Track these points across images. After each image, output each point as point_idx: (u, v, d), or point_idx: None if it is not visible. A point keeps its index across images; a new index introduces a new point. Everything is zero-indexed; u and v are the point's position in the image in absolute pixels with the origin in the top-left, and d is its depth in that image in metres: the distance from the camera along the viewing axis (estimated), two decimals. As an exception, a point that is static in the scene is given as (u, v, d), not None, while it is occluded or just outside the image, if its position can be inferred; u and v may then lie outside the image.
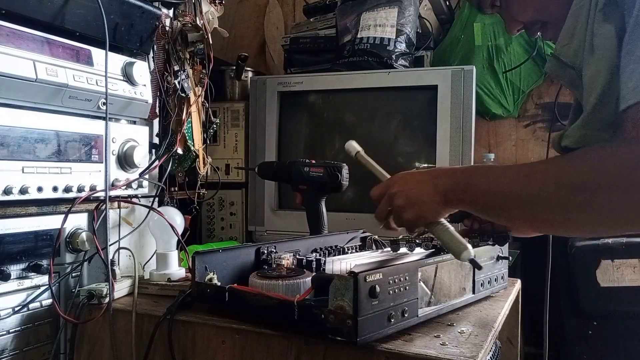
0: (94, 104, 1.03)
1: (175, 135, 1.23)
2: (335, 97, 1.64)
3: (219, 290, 0.88)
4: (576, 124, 0.72)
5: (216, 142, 1.74)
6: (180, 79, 1.23)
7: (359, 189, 1.56)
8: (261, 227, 1.66)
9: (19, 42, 0.90)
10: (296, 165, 1.34)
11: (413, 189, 0.83)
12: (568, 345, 1.62)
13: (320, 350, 0.77)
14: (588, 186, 0.67)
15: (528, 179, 0.72)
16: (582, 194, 0.67)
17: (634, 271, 1.53)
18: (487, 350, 0.79)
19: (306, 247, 1.11)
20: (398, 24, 1.63)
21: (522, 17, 0.90)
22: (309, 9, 2.01)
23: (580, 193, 0.67)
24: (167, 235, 1.09)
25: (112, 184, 1.06)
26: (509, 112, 1.93)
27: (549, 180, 0.70)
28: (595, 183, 0.66)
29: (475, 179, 0.79)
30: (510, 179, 0.75)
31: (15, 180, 0.89)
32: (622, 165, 0.65)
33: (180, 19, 1.24)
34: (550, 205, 0.70)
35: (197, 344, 0.87)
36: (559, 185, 0.69)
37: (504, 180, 0.75)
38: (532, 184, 0.71)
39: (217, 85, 1.50)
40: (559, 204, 0.70)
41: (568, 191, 0.68)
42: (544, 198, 0.70)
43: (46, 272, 0.95)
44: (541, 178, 0.71)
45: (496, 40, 1.85)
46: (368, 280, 0.71)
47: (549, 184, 0.70)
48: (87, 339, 0.98)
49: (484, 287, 1.00)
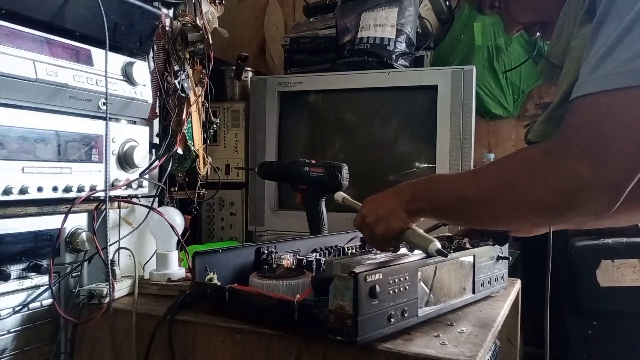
0: (94, 104, 1.03)
1: (175, 135, 1.23)
2: (335, 97, 1.64)
3: (219, 290, 0.88)
4: (540, 120, 0.74)
5: (216, 142, 1.74)
6: (180, 79, 1.23)
7: (359, 189, 1.56)
8: (261, 227, 1.66)
9: (19, 42, 0.90)
10: (296, 165, 1.34)
11: (379, 207, 0.89)
12: (568, 345, 1.62)
13: (320, 350, 0.77)
14: (502, 182, 0.71)
15: (475, 179, 0.77)
16: (499, 190, 0.71)
17: (634, 271, 1.53)
18: (487, 350, 0.79)
19: (306, 247, 1.11)
20: (398, 24, 1.63)
21: (521, 18, 0.90)
22: (309, 9, 2.01)
23: (499, 189, 0.72)
24: (167, 235, 1.09)
25: (112, 184, 1.06)
26: (509, 112, 1.93)
27: (490, 178, 0.74)
28: (504, 178, 0.71)
29: (431, 187, 0.85)
30: (461, 182, 0.79)
31: (15, 180, 0.89)
32: (528, 160, 0.68)
33: (180, 19, 1.24)
34: (491, 203, 0.74)
35: (197, 344, 0.87)
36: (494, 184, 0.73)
37: (456, 184, 0.80)
38: (477, 183, 0.75)
39: (217, 85, 1.50)
40: (493, 201, 0.74)
41: (500, 189, 0.72)
42: (484, 196, 0.74)
43: (46, 272, 0.95)
44: (485, 177, 0.76)
45: (496, 40, 1.85)
46: (368, 280, 0.71)
47: (490, 182, 0.74)
48: (88, 339, 0.98)
49: (483, 287, 1.00)
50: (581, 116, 0.64)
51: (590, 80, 0.63)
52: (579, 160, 0.62)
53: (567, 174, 0.63)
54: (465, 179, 0.80)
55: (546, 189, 0.65)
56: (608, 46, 0.63)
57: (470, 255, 0.96)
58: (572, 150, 0.63)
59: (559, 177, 0.64)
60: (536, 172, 0.66)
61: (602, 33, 0.64)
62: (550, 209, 0.68)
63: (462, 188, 0.77)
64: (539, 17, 0.88)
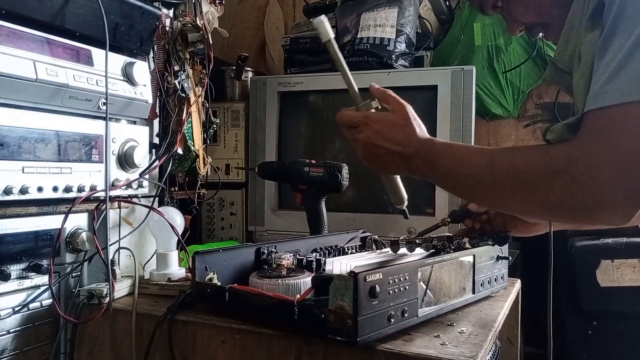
0: (94, 104, 1.03)
1: (175, 135, 1.23)
2: (335, 97, 1.64)
3: (219, 290, 0.88)
4: (563, 123, 0.74)
5: (216, 142, 1.74)
6: (181, 79, 1.23)
7: (359, 189, 1.56)
8: (261, 227, 1.66)
9: (19, 42, 0.90)
10: (296, 165, 1.34)
11: (383, 157, 0.89)
12: (568, 345, 1.62)
13: (320, 350, 0.77)
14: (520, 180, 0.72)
15: (491, 166, 0.77)
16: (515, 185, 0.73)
17: (634, 271, 1.53)
18: (487, 350, 0.79)
19: (306, 247, 1.11)
20: (398, 24, 1.63)
21: (523, 18, 0.90)
22: (309, 9, 2.01)
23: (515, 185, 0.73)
24: (167, 235, 1.09)
25: (112, 184, 1.06)
26: (509, 112, 1.93)
27: (508, 172, 0.75)
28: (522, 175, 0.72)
29: (444, 156, 0.84)
30: (475, 164, 0.79)
31: (15, 180, 0.89)
32: (549, 163, 0.69)
33: (181, 19, 1.24)
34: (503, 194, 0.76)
35: (197, 344, 0.87)
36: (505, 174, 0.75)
37: (470, 163, 0.80)
38: (493, 172, 0.76)
39: (217, 85, 1.50)
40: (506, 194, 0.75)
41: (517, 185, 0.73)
42: (498, 187, 0.76)
43: (46, 272, 0.95)
44: (503, 169, 0.75)
45: (496, 40, 1.85)
46: (368, 280, 0.72)
47: (507, 177, 0.75)
48: (87, 339, 0.98)
49: (483, 287, 1.00)
50: (599, 129, 0.65)
51: (604, 93, 0.65)
52: (599, 173, 0.64)
53: (588, 185, 0.65)
54: (480, 162, 0.79)
55: (566, 196, 0.66)
56: (620, 59, 0.64)
57: (470, 255, 0.96)
58: (593, 162, 0.64)
59: (580, 187, 0.65)
60: (558, 177, 0.67)
61: (613, 45, 0.66)
62: (567, 214, 0.70)
63: (477, 171, 0.78)
64: (540, 18, 0.88)
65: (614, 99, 0.64)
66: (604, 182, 0.63)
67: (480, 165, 0.78)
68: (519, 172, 0.73)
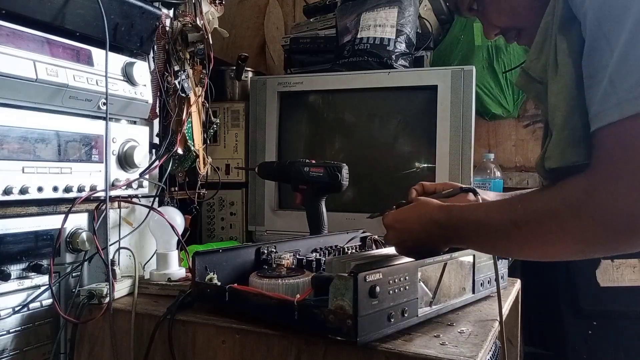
0: (94, 104, 1.03)
1: (175, 135, 1.23)
2: (335, 97, 1.64)
3: (219, 290, 0.88)
4: (551, 144, 0.71)
5: (216, 142, 1.74)
6: (181, 79, 1.23)
7: (359, 189, 1.56)
8: (261, 227, 1.66)
9: (19, 42, 0.90)
10: (296, 165, 1.34)
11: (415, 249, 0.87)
12: (568, 345, 1.62)
13: (320, 350, 0.77)
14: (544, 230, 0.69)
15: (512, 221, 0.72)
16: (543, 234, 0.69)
17: (634, 271, 1.53)
18: (487, 350, 0.79)
19: (306, 247, 1.11)
20: (398, 24, 1.63)
21: (497, 22, 0.89)
22: (309, 9, 2.01)
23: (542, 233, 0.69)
24: (167, 235, 1.09)
25: (113, 184, 1.06)
26: (509, 112, 1.93)
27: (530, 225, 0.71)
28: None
29: (464, 232, 0.80)
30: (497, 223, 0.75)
31: (15, 180, 0.89)
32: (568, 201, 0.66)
33: (181, 19, 1.24)
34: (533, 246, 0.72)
35: (197, 344, 0.87)
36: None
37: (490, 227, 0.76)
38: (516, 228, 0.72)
39: (217, 85, 1.50)
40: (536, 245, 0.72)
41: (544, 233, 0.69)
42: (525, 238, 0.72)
43: (46, 272, 0.95)
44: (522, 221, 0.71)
45: (496, 41, 1.85)
46: (368, 280, 0.72)
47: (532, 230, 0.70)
48: (87, 339, 0.98)
49: (483, 286, 1.00)
50: (609, 150, 0.64)
51: (607, 109, 0.63)
52: (622, 197, 0.62)
53: (615, 212, 0.62)
54: (502, 219, 0.74)
55: (594, 227, 0.64)
56: (611, 73, 0.63)
57: (470, 255, 0.96)
58: (612, 188, 0.62)
59: (606, 215, 0.63)
60: (581, 213, 0.65)
61: (597, 58, 0.65)
62: (599, 245, 0.66)
63: (502, 230, 0.74)
64: (513, 22, 0.87)
65: (615, 115, 0.62)
66: (631, 203, 0.61)
67: (502, 221, 0.74)
68: (542, 218, 0.69)
